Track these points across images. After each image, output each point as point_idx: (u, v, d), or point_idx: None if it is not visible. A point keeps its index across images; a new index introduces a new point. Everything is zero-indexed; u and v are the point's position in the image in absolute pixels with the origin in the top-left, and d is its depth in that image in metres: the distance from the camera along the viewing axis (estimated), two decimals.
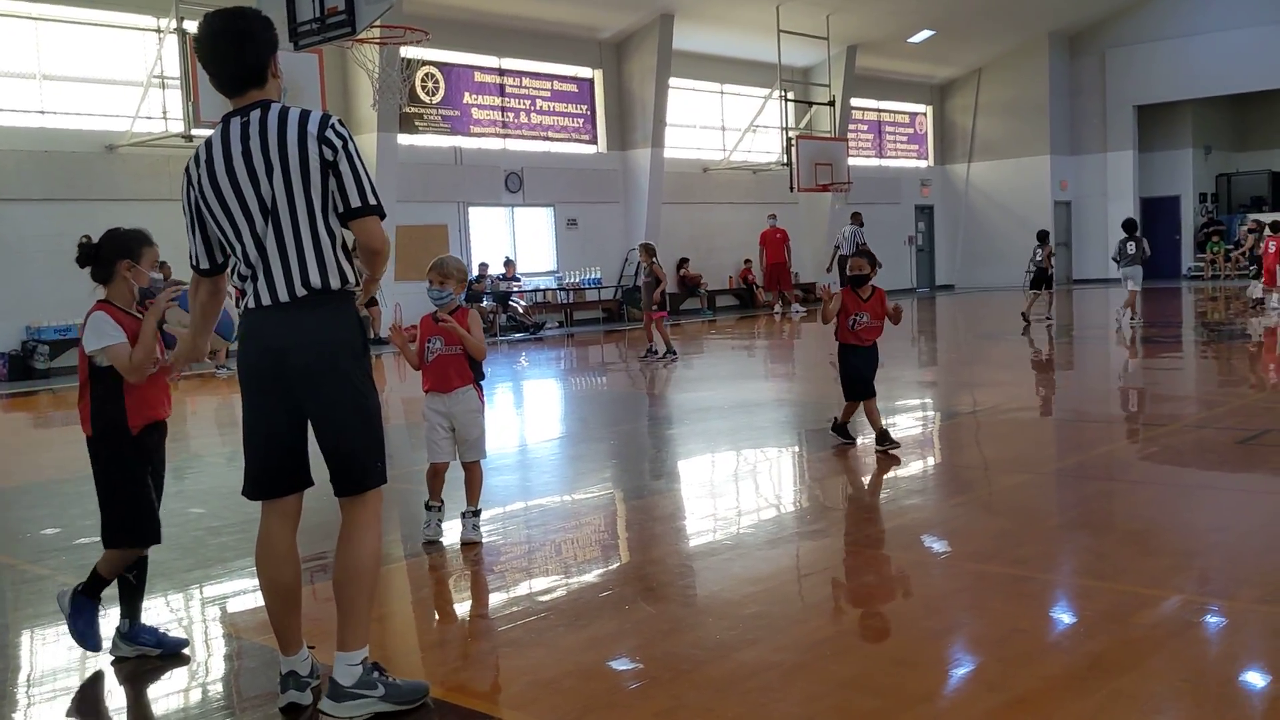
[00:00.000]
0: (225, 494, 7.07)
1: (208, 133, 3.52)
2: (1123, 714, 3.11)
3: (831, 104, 25.73)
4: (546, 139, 22.23)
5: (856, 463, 7.29)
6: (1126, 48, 28.31)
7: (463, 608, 4.50)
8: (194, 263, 3.45)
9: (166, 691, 3.69)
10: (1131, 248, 16.73)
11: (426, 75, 20.02)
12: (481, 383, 5.31)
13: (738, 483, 6.86)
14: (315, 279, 3.24)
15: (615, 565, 5.04)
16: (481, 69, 21.11)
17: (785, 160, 24.18)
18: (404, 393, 12.21)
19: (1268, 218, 27.92)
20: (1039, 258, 18.28)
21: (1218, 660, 3.55)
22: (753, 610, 4.10)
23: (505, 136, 21.53)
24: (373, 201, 3.28)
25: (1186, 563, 4.60)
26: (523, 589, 4.61)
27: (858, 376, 7.34)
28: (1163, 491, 6.20)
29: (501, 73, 21.45)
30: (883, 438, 7.15)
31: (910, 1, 24.43)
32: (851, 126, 27.81)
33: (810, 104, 25.83)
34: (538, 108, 22.08)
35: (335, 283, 3.27)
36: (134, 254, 3.78)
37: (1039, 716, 3.11)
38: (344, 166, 3.24)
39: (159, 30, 16.44)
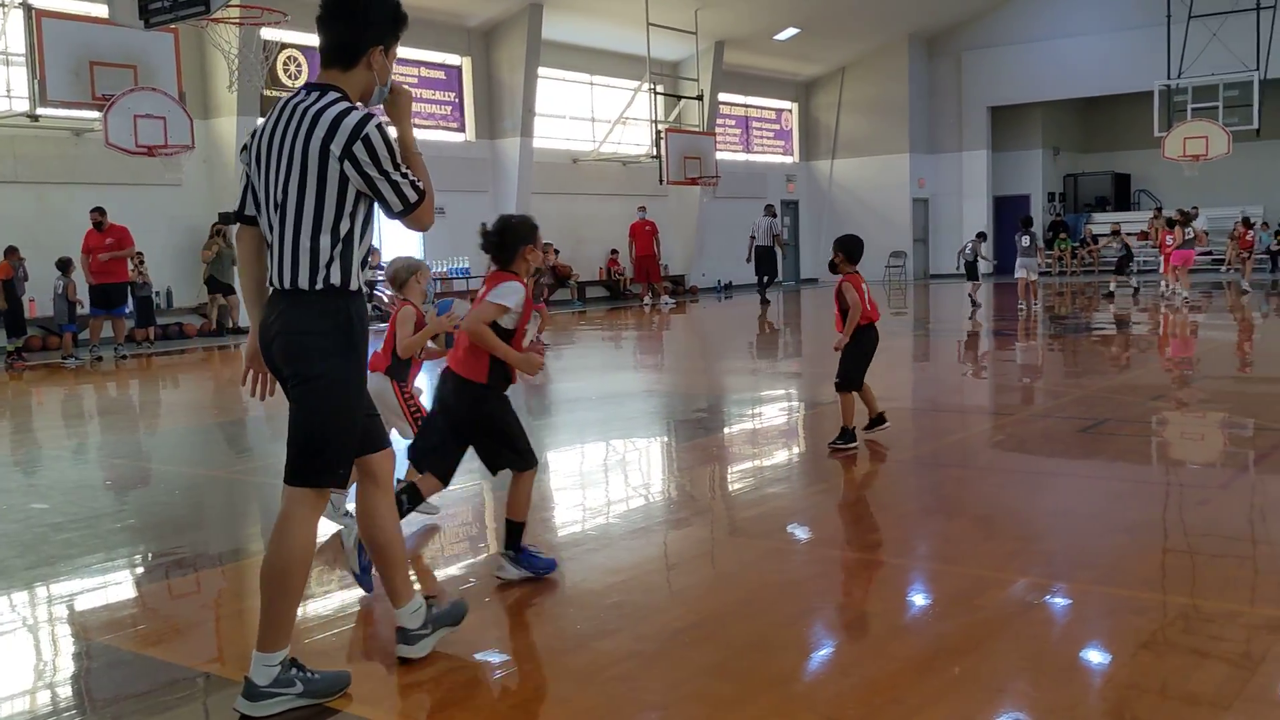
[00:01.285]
0: (69, 489, 6.80)
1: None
2: (967, 693, 3.24)
3: (700, 98, 25.99)
4: (414, 126, 21.84)
5: (723, 452, 7.41)
6: (981, 51, 29.35)
7: (319, 603, 4.42)
8: (237, 210, 3.44)
9: (12, 693, 3.52)
10: (1026, 240, 17.85)
11: (289, 58, 19.49)
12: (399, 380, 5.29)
13: (604, 473, 6.90)
14: (304, 280, 3.21)
15: (478, 558, 5.01)
16: None
17: (655, 153, 24.34)
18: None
19: (1110, 217, 29.42)
20: (968, 251, 19.61)
21: (1057, 640, 3.72)
22: (614, 600, 4.14)
23: None
24: (413, 198, 3.29)
25: (1029, 546, 4.81)
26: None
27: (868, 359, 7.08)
28: (1009, 478, 6.47)
29: None
30: (881, 418, 7.07)
31: None
32: (720, 121, 28.14)
33: (679, 98, 26.05)
34: None
35: (320, 285, 3.21)
36: (533, 239, 4.43)
37: (889, 698, 3.21)
38: (376, 180, 3.22)
39: (3, 5, 15.63)
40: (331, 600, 4.36)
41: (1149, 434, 7.66)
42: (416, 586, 3.75)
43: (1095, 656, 3.57)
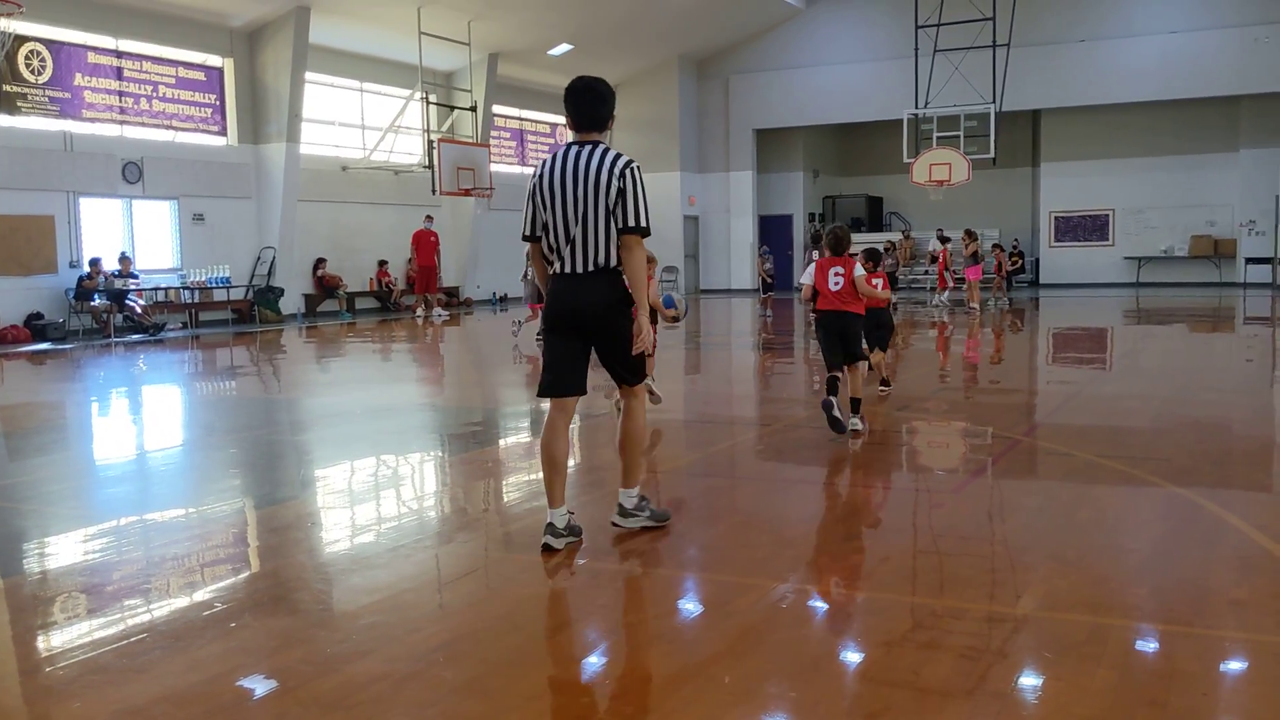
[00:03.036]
0: None
1: None
2: (715, 698, 3.32)
3: (474, 109, 25.85)
4: (170, 128, 20.80)
5: (495, 466, 7.36)
6: (747, 75, 30.47)
7: (51, 635, 4.11)
8: (524, 232, 5.02)
9: None
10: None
11: (31, 52, 18.16)
12: None
13: (366, 491, 6.73)
14: (601, 260, 4.83)
15: (226, 581, 4.79)
16: (96, 49, 19.42)
17: (427, 163, 24.05)
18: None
19: (865, 237, 31.05)
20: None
21: (805, 641, 3.87)
22: (368, 621, 4.03)
23: (123, 123, 19.93)
24: (636, 224, 4.83)
25: (782, 552, 4.99)
26: (118, 610, 4.28)
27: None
28: (764, 486, 6.71)
29: (120, 55, 19.84)
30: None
31: (549, 15, 25.02)
32: (494, 133, 28.07)
33: (453, 108, 25.82)
34: (161, 94, 20.61)
35: (613, 264, 4.85)
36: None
37: (639, 707, 3.26)
38: (628, 197, 4.81)
39: None
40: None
41: (895, 442, 8.10)
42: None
43: (839, 655, 3.74)
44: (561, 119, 31.63)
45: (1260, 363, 13.42)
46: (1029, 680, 3.47)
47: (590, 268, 4.83)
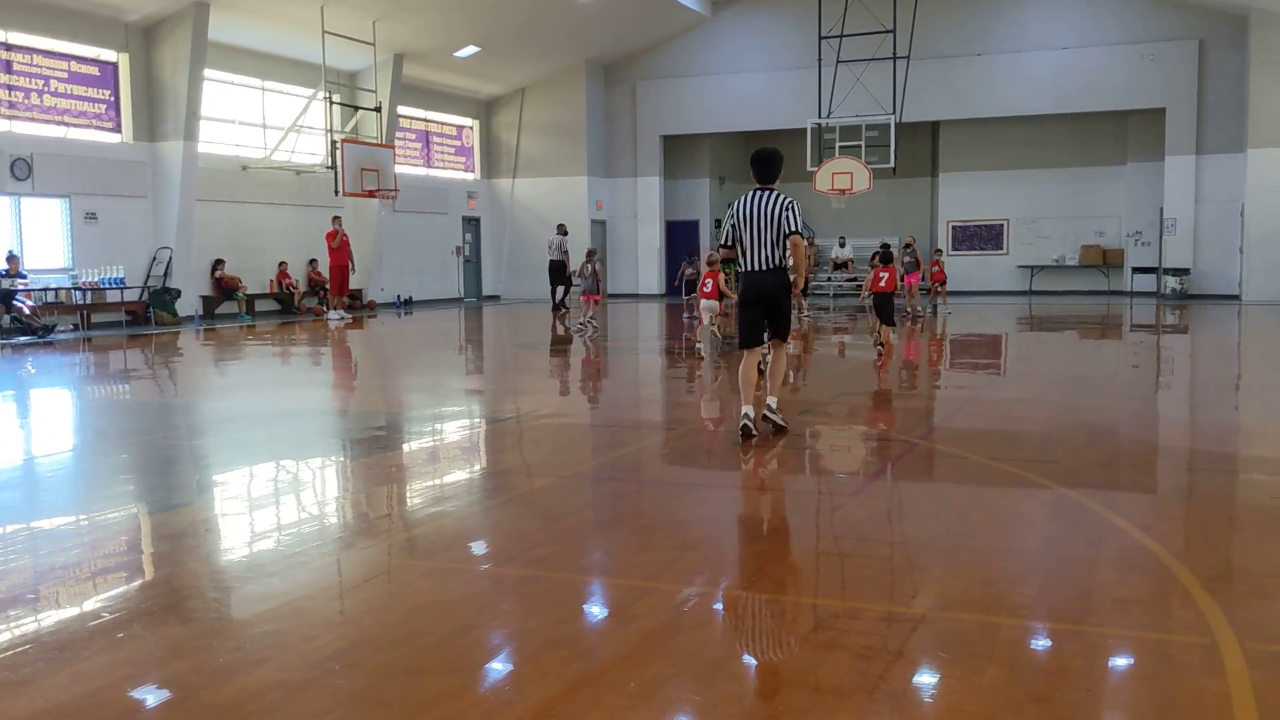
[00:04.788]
0: None
1: None
2: (615, 703, 3.32)
3: (378, 110, 25.53)
4: (61, 124, 20.13)
5: (398, 471, 7.28)
6: (654, 81, 30.62)
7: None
8: (725, 241, 8.05)
9: None
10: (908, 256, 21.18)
11: None
12: None
13: (264, 496, 6.59)
14: (777, 260, 7.70)
15: (115, 590, 4.65)
16: None
17: (330, 163, 23.68)
18: None
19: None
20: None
21: (706, 643, 3.90)
22: (263, 629, 3.95)
23: (11, 118, 19.23)
24: (794, 229, 7.68)
25: (684, 555, 5.02)
26: (1, 621, 4.12)
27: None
28: (667, 490, 6.75)
29: (8, 48, 19.13)
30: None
31: (456, 16, 24.85)
32: (400, 135, 27.76)
33: (356, 108, 25.46)
34: (52, 89, 19.92)
35: (782, 263, 7.74)
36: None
37: (538, 713, 3.25)
38: (790, 217, 7.66)
39: None
40: None
41: (798, 445, 8.21)
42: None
43: (740, 657, 3.78)
44: (468, 121, 31.52)
45: (1145, 369, 13.92)
46: (923, 679, 3.55)
47: (768, 266, 7.71)
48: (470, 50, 27.08)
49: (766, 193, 7.76)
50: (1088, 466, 7.11)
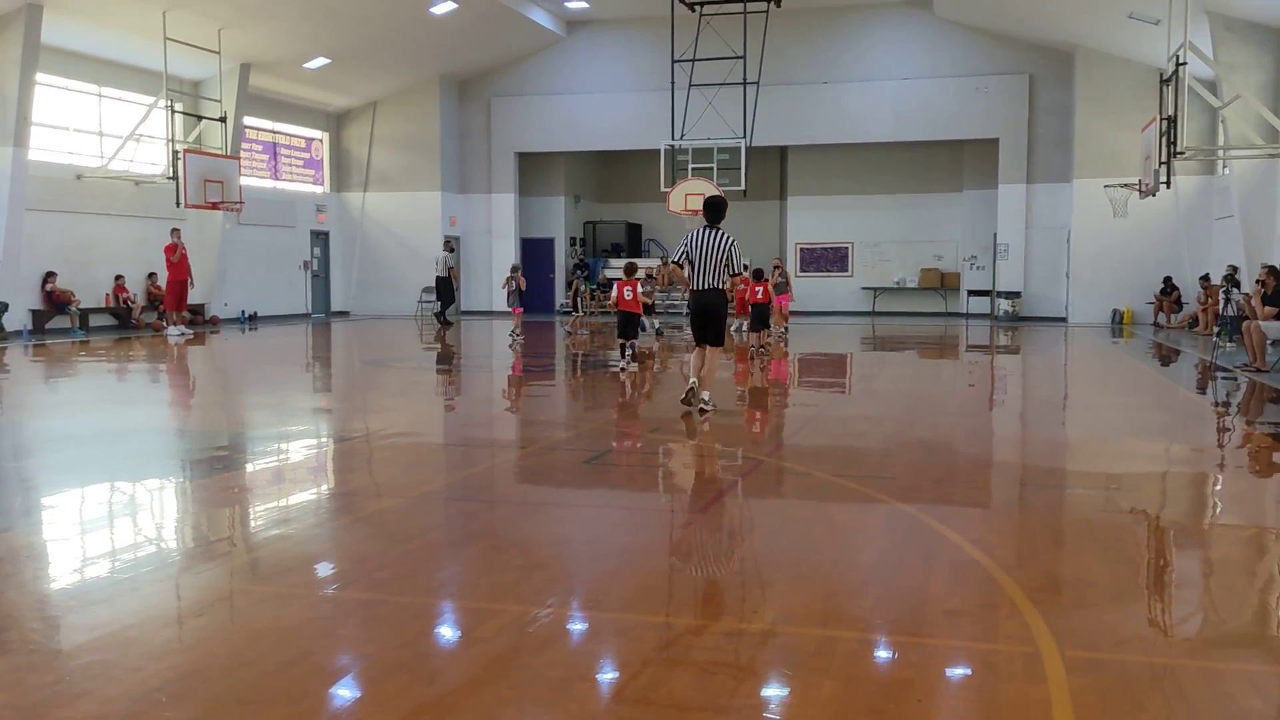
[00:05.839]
0: None
1: None
2: None
3: (223, 120, 24.76)
4: None
5: (238, 493, 7.04)
6: (509, 99, 30.56)
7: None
8: (677, 259, 9.96)
9: None
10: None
11: None
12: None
13: (95, 520, 6.28)
14: (718, 284, 9.85)
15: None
16: None
17: (172, 174, 22.84)
18: None
19: (623, 263, 31.59)
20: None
21: (551, 665, 3.86)
22: (84, 661, 3.77)
23: None
24: (737, 271, 10.02)
25: (530, 575, 5.00)
26: None
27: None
28: (516, 509, 6.71)
29: None
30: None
31: (304, 27, 24.33)
32: (246, 146, 26.99)
33: (200, 118, 24.65)
34: None
35: (721, 286, 9.90)
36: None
37: None
38: (734, 256, 9.82)
39: None
40: None
41: (648, 463, 8.29)
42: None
43: (585, 677, 3.77)
44: (318, 133, 30.76)
45: (980, 387, 14.53)
46: (764, 693, 3.62)
47: (711, 287, 9.91)
48: (320, 62, 26.55)
49: (715, 230, 9.82)
50: (923, 482, 7.37)
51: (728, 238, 9.78)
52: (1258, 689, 3.69)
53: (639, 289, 15.24)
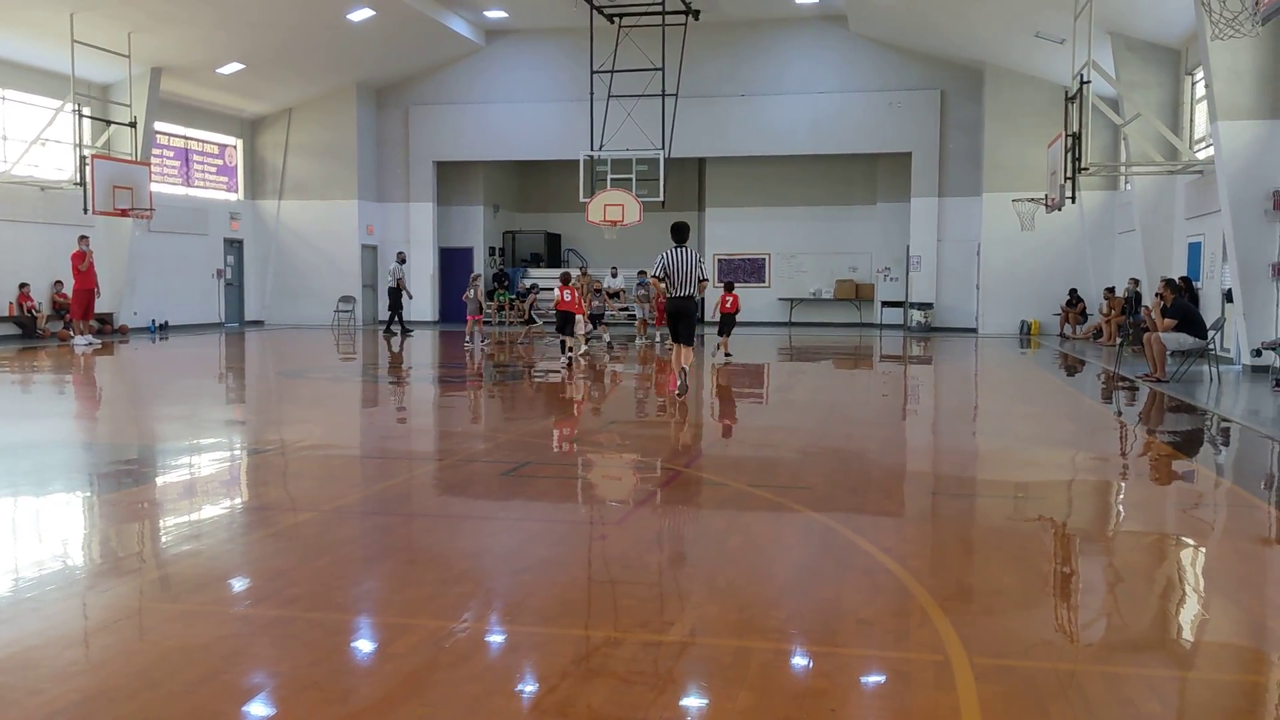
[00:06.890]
0: None
1: None
2: None
3: (133, 125, 24.21)
4: None
5: (147, 507, 6.88)
6: (428, 107, 30.35)
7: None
8: (657, 274, 12.34)
9: None
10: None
11: None
12: None
13: None
14: (692, 291, 12.33)
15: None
16: None
17: (80, 180, 22.26)
18: None
19: (545, 273, 31.59)
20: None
21: (466, 680, 3.85)
22: None
23: None
24: (705, 277, 12.58)
25: (446, 590, 4.97)
26: None
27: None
28: (432, 523, 6.67)
29: None
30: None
31: (218, 32, 23.91)
32: (157, 152, 26.42)
33: (109, 123, 24.06)
34: None
35: (694, 294, 12.39)
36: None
37: None
38: (702, 266, 12.47)
39: None
40: None
41: (564, 475, 8.29)
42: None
43: (501, 692, 3.77)
44: (231, 140, 30.20)
45: (893, 397, 14.78)
46: (681, 703, 3.65)
47: (686, 294, 12.25)
48: (234, 67, 26.11)
49: (685, 249, 12.30)
50: (837, 491, 7.48)
51: (695, 254, 12.41)
52: (1157, 693, 3.82)
53: (577, 295, 18.37)
